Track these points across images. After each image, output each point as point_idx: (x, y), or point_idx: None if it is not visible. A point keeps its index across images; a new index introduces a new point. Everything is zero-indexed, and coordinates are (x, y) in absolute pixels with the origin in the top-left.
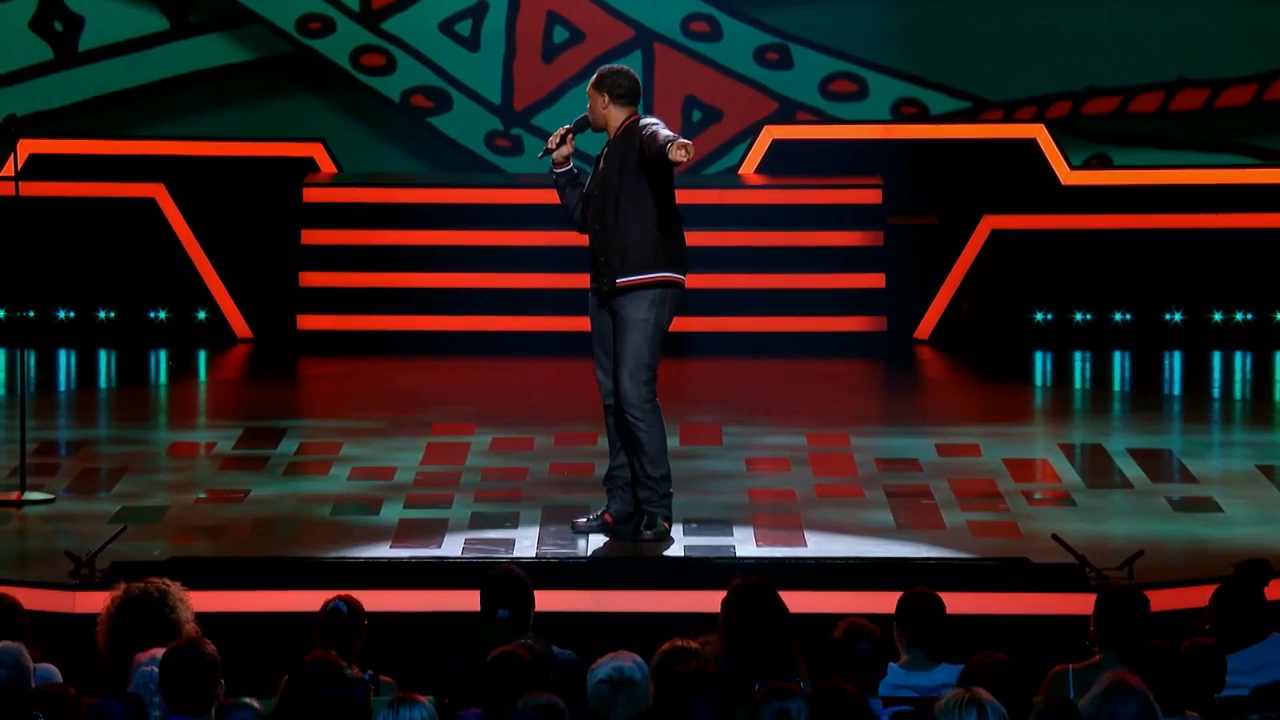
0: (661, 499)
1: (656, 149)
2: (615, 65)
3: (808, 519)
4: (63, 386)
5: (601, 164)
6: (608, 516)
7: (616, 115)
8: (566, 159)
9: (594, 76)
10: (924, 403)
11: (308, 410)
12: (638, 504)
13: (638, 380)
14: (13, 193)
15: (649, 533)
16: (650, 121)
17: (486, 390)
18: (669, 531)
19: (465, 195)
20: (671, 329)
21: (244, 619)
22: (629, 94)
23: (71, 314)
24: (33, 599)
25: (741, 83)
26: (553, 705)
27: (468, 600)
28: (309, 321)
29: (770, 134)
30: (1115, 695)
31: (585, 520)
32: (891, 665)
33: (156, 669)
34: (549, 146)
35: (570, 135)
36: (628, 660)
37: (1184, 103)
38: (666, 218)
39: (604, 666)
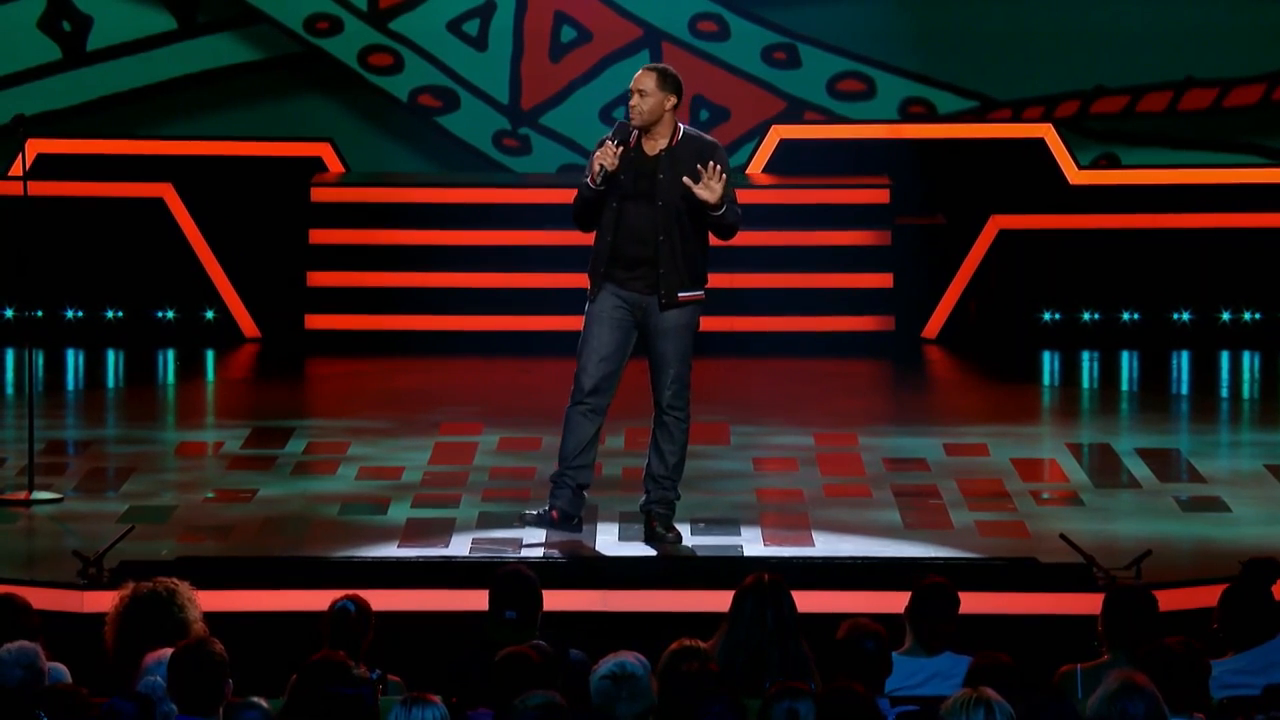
0: (671, 502)
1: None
2: (668, 66)
3: (815, 519)
4: (71, 386)
5: (661, 174)
6: (554, 514)
7: (671, 120)
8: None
9: (655, 75)
10: (932, 402)
11: (315, 410)
12: (646, 503)
13: (686, 385)
14: (21, 192)
15: (671, 535)
16: (725, 159)
17: (494, 390)
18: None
19: (473, 195)
20: None
21: (252, 618)
22: (682, 96)
23: (79, 314)
24: (41, 599)
25: (749, 82)
26: (552, 703)
27: (475, 600)
28: (317, 321)
29: (778, 133)
30: (1124, 695)
31: (535, 514)
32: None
33: (161, 677)
34: (609, 169)
35: (620, 149)
36: (629, 657)
37: (1192, 102)
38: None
39: (606, 664)
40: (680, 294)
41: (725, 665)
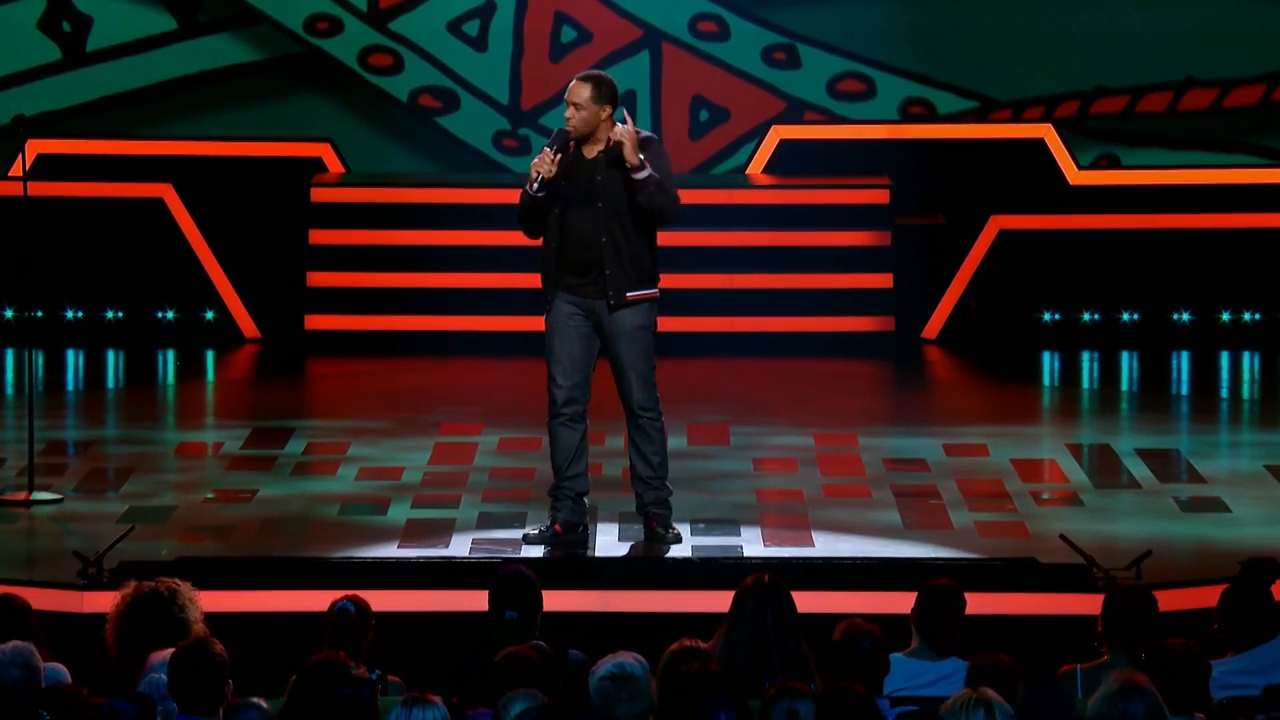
0: (665, 503)
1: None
2: (604, 73)
3: (815, 519)
4: (71, 386)
5: (599, 175)
6: (558, 528)
7: (609, 125)
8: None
9: (589, 86)
10: (931, 403)
11: (315, 410)
12: (642, 505)
13: (652, 385)
14: (21, 193)
15: (671, 534)
16: (666, 153)
17: (494, 390)
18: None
19: (473, 195)
20: (679, 329)
21: (252, 619)
22: (618, 103)
23: (79, 314)
24: (41, 599)
25: (749, 82)
26: (539, 705)
27: (476, 600)
28: (317, 321)
29: (778, 134)
30: (1125, 695)
31: (537, 532)
32: (896, 656)
33: (164, 676)
34: (547, 176)
35: (558, 156)
36: (628, 657)
37: (1192, 102)
38: (654, 230)
39: (605, 665)
40: (628, 294)
41: (725, 666)
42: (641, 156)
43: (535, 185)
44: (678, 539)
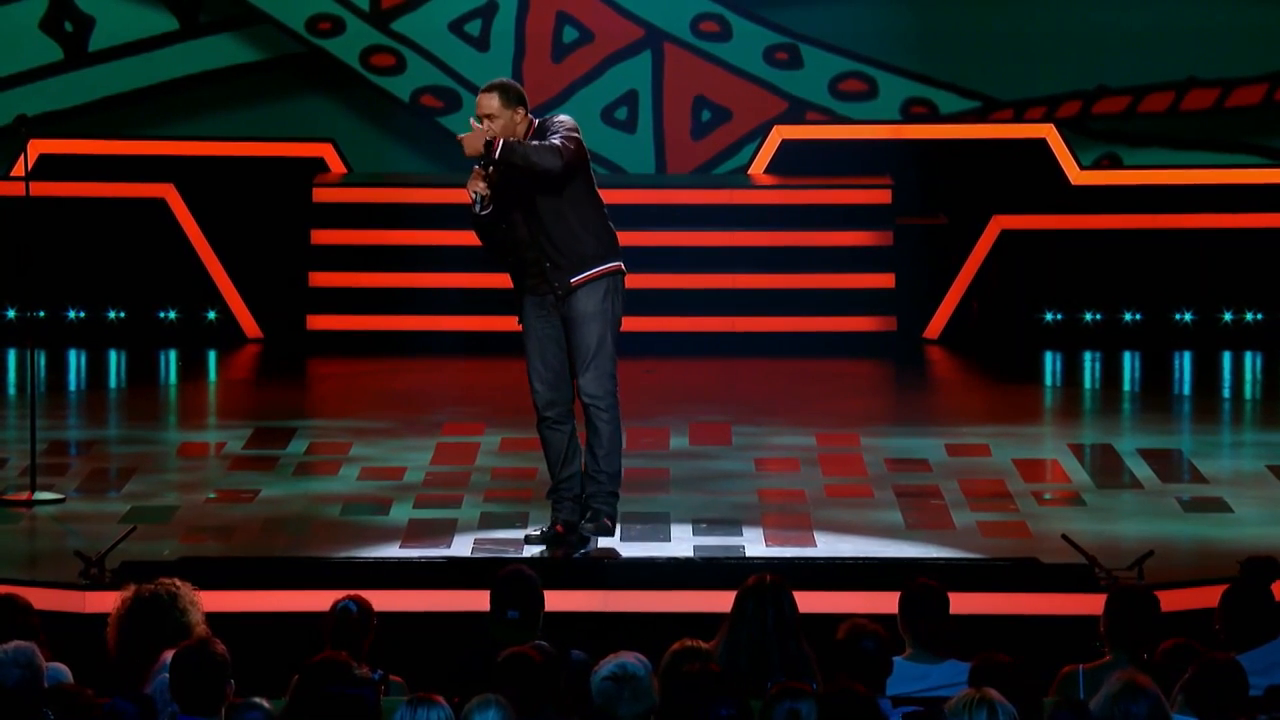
0: (608, 496)
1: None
2: (505, 79)
3: (817, 519)
4: (73, 386)
5: (517, 177)
6: (559, 528)
7: (524, 126)
8: (491, 198)
9: (497, 95)
10: (933, 403)
11: (317, 410)
12: (585, 495)
13: (603, 373)
14: (23, 193)
15: (590, 525)
16: (561, 120)
17: (496, 390)
18: (611, 529)
19: None
20: (680, 329)
21: (254, 619)
22: (527, 102)
23: (81, 314)
24: (43, 599)
25: (751, 82)
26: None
27: (477, 600)
28: (319, 321)
29: (780, 134)
30: (1127, 695)
31: (539, 533)
32: (896, 659)
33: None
34: (484, 194)
35: (490, 170)
36: (630, 657)
37: (1194, 102)
38: (598, 209)
39: (607, 665)
40: (572, 280)
41: (727, 666)
42: (488, 139)
43: (478, 206)
44: (610, 534)
